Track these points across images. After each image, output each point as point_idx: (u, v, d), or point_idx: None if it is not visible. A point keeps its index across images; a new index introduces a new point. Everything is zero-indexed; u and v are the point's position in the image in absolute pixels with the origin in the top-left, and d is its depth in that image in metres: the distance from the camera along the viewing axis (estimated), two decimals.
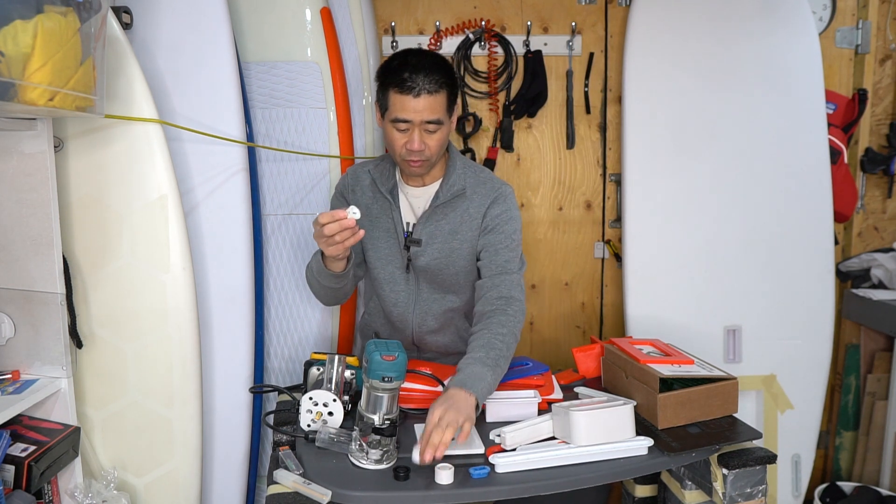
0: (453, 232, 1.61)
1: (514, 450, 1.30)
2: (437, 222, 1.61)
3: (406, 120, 1.49)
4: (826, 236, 2.25)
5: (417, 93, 1.47)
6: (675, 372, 1.43)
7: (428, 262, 1.62)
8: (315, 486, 1.19)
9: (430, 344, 1.72)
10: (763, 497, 1.37)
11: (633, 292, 2.24)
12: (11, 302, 1.35)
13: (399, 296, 1.67)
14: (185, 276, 1.47)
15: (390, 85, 1.50)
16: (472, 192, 1.63)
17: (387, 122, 1.54)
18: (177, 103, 1.61)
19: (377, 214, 1.65)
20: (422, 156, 1.53)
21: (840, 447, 2.54)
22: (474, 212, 1.61)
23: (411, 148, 1.52)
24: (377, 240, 1.65)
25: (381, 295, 1.69)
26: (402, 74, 1.48)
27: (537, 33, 2.39)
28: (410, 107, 1.48)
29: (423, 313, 1.67)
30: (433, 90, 1.48)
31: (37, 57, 1.04)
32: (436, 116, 1.50)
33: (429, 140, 1.52)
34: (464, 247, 1.61)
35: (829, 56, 2.42)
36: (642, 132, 2.24)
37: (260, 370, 1.90)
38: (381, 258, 1.66)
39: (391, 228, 1.64)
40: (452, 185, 1.61)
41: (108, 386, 1.48)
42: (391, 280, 1.66)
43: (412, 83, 1.47)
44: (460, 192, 1.61)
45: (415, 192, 1.65)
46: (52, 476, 1.34)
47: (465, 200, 1.62)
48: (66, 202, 1.42)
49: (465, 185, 1.62)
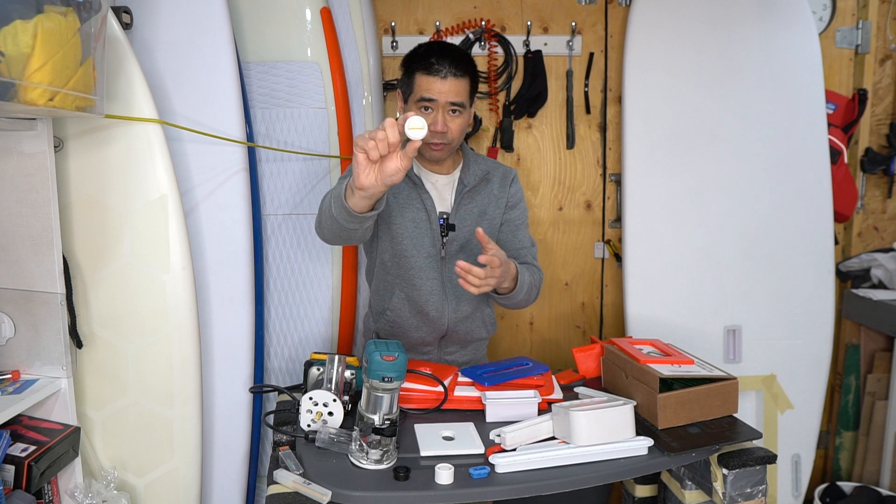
0: (481, 213, 1.70)
1: (514, 450, 1.30)
2: (467, 206, 1.69)
3: (432, 99, 1.55)
4: (826, 236, 2.25)
5: (444, 75, 1.54)
6: (675, 372, 1.43)
7: (461, 245, 1.68)
8: (315, 486, 1.19)
9: (461, 333, 1.73)
10: (763, 497, 1.37)
11: (633, 292, 2.24)
12: (11, 302, 1.35)
13: (434, 283, 1.67)
14: (185, 276, 1.47)
15: (417, 69, 1.57)
16: (493, 174, 1.73)
17: (411, 105, 1.59)
18: (177, 103, 1.61)
19: (403, 203, 1.66)
20: (444, 139, 1.58)
21: (840, 447, 2.54)
22: (497, 192, 1.72)
23: (435, 129, 1.56)
24: (406, 229, 1.65)
25: (414, 285, 1.67)
26: (430, 59, 1.55)
27: (537, 33, 2.39)
28: (436, 88, 1.54)
29: (458, 298, 1.70)
30: (459, 74, 1.55)
31: (37, 57, 1.04)
32: (460, 99, 1.57)
33: (451, 123, 1.58)
34: (492, 226, 1.71)
35: (829, 56, 2.42)
36: (642, 132, 2.24)
37: (260, 370, 1.90)
38: (415, 246, 1.65)
39: (421, 217, 1.65)
40: (476, 171, 1.70)
41: (108, 386, 1.48)
42: (426, 268, 1.66)
43: (439, 66, 1.54)
44: (485, 176, 1.71)
45: (441, 180, 1.70)
46: (52, 476, 1.34)
47: (489, 183, 1.72)
48: (66, 202, 1.42)
49: (487, 168, 1.72)
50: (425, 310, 1.68)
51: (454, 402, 1.51)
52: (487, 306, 1.79)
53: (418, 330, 1.70)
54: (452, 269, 1.62)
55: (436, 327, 1.70)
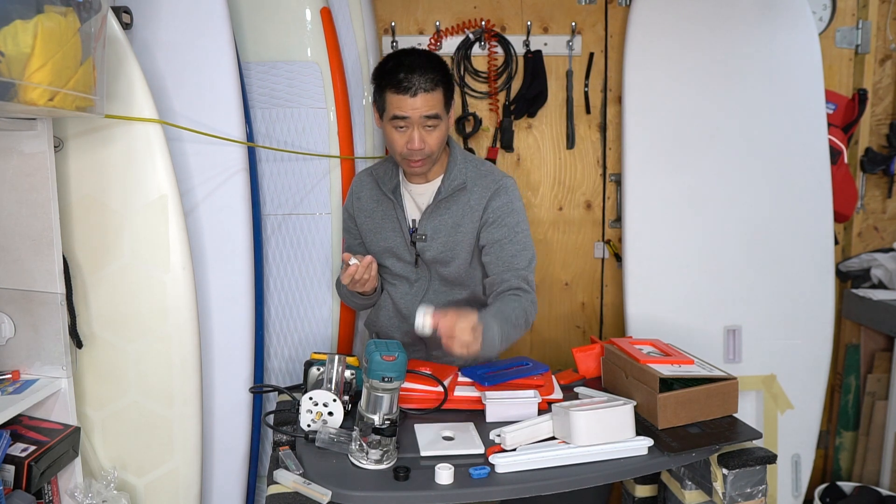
0: (456, 225, 1.63)
1: (514, 450, 1.30)
2: (441, 216, 1.63)
3: (404, 117, 1.51)
4: (826, 236, 2.25)
5: (414, 92, 1.49)
6: (675, 372, 1.43)
7: (435, 256, 1.64)
8: (315, 486, 1.19)
9: (439, 340, 1.72)
10: (763, 497, 1.37)
11: (632, 292, 2.24)
12: (11, 302, 1.35)
13: (409, 290, 1.68)
14: (185, 276, 1.47)
15: (387, 86, 1.52)
16: (473, 184, 1.63)
17: (386, 123, 1.56)
18: (177, 103, 1.61)
19: (382, 215, 1.67)
20: (422, 154, 1.55)
21: (840, 447, 2.54)
22: (475, 204, 1.62)
23: (412, 147, 1.53)
24: (384, 239, 1.67)
25: (390, 290, 1.71)
26: (398, 75, 1.49)
27: (537, 33, 2.39)
28: (408, 105, 1.50)
29: (436, 305, 1.67)
30: (429, 88, 1.50)
31: (37, 57, 1.04)
32: (434, 112, 1.51)
33: (428, 138, 1.54)
34: (466, 239, 1.63)
35: (829, 56, 2.42)
36: (642, 132, 2.24)
37: (260, 370, 1.90)
38: (390, 255, 1.68)
39: (397, 227, 1.66)
40: (454, 180, 1.62)
41: (108, 386, 1.48)
42: (401, 275, 1.69)
43: (408, 83, 1.48)
44: (461, 186, 1.62)
45: (418, 190, 1.67)
46: (52, 476, 1.34)
47: (466, 193, 1.63)
48: (66, 202, 1.42)
49: (465, 178, 1.63)
50: (402, 314, 1.70)
51: (454, 402, 1.51)
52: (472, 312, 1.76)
53: (398, 330, 1.72)
54: (434, 276, 1.67)
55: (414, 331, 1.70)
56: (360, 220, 1.72)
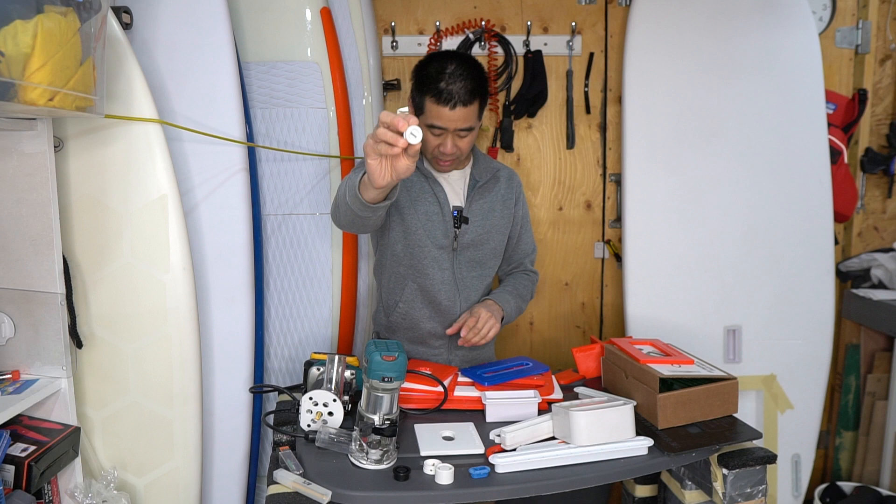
0: (491, 210, 1.74)
1: (514, 450, 1.30)
2: (478, 201, 1.73)
3: (441, 128, 1.58)
4: (826, 236, 2.25)
5: (454, 105, 1.54)
6: (675, 372, 1.43)
7: (472, 239, 1.71)
8: (315, 486, 1.19)
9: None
10: (763, 497, 1.37)
11: (632, 292, 2.24)
12: (11, 302, 1.35)
13: (446, 273, 1.70)
14: (185, 276, 1.47)
15: (427, 93, 1.56)
16: (500, 173, 1.79)
17: (422, 123, 1.60)
18: (177, 103, 1.61)
19: (416, 195, 1.69)
20: (452, 157, 1.64)
21: (840, 447, 2.54)
22: (505, 191, 1.77)
23: (444, 151, 1.61)
24: (419, 220, 1.68)
25: (427, 275, 1.69)
26: (439, 84, 1.54)
27: (537, 33, 2.39)
28: (446, 116, 1.55)
29: (468, 289, 1.73)
30: (468, 101, 1.55)
31: (37, 57, 1.04)
32: (469, 125, 1.59)
33: (460, 143, 1.62)
34: (501, 223, 1.76)
35: (829, 56, 2.42)
36: (642, 132, 2.24)
37: (260, 370, 1.90)
38: (428, 237, 1.68)
39: (434, 209, 1.68)
40: (487, 169, 1.76)
41: (108, 386, 1.48)
42: (437, 259, 1.69)
43: (448, 95, 1.53)
44: (494, 174, 1.76)
45: (453, 175, 1.74)
46: (52, 476, 1.34)
47: (498, 182, 1.77)
48: (66, 202, 1.42)
49: (496, 167, 1.78)
50: (437, 300, 1.70)
51: (454, 402, 1.51)
52: (482, 306, 1.79)
53: (430, 320, 1.72)
54: (464, 261, 1.73)
55: (447, 317, 1.72)
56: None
